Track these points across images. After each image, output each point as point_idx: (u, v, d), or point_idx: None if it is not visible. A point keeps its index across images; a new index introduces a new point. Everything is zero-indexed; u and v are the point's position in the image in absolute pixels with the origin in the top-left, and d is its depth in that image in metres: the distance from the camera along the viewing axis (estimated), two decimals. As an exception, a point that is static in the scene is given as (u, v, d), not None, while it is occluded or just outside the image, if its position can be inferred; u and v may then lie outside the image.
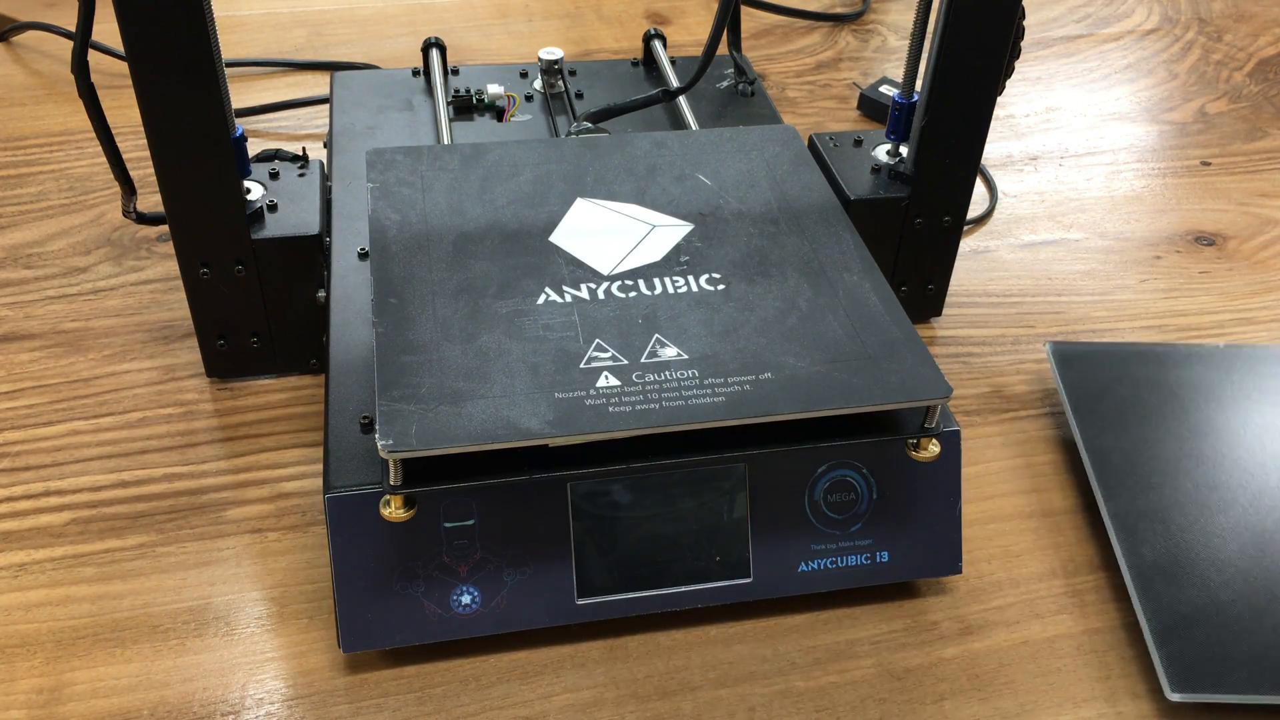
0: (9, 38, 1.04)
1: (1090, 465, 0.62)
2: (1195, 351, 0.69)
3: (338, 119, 0.76)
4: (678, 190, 0.62)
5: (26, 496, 0.62)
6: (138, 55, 0.56)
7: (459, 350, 0.51)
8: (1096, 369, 0.68)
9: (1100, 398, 0.66)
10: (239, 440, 0.66)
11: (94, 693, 0.53)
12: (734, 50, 0.86)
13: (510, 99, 0.79)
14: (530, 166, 0.62)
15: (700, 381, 0.51)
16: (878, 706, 0.53)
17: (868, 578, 0.56)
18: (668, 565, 0.54)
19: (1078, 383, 0.66)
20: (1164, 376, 0.67)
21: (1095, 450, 0.63)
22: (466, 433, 0.48)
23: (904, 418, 0.55)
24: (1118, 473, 0.61)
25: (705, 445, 0.52)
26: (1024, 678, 0.55)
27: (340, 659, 0.54)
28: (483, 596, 0.53)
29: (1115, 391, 0.66)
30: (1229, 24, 1.18)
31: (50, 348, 0.71)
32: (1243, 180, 0.94)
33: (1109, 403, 0.65)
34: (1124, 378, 0.67)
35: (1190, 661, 0.53)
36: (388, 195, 0.60)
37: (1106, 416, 0.65)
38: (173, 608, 0.57)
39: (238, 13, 1.10)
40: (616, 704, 0.53)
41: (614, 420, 0.49)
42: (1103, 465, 0.62)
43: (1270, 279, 0.83)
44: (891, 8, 1.17)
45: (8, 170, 0.88)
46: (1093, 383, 0.67)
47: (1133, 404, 0.65)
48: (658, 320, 0.54)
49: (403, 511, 0.50)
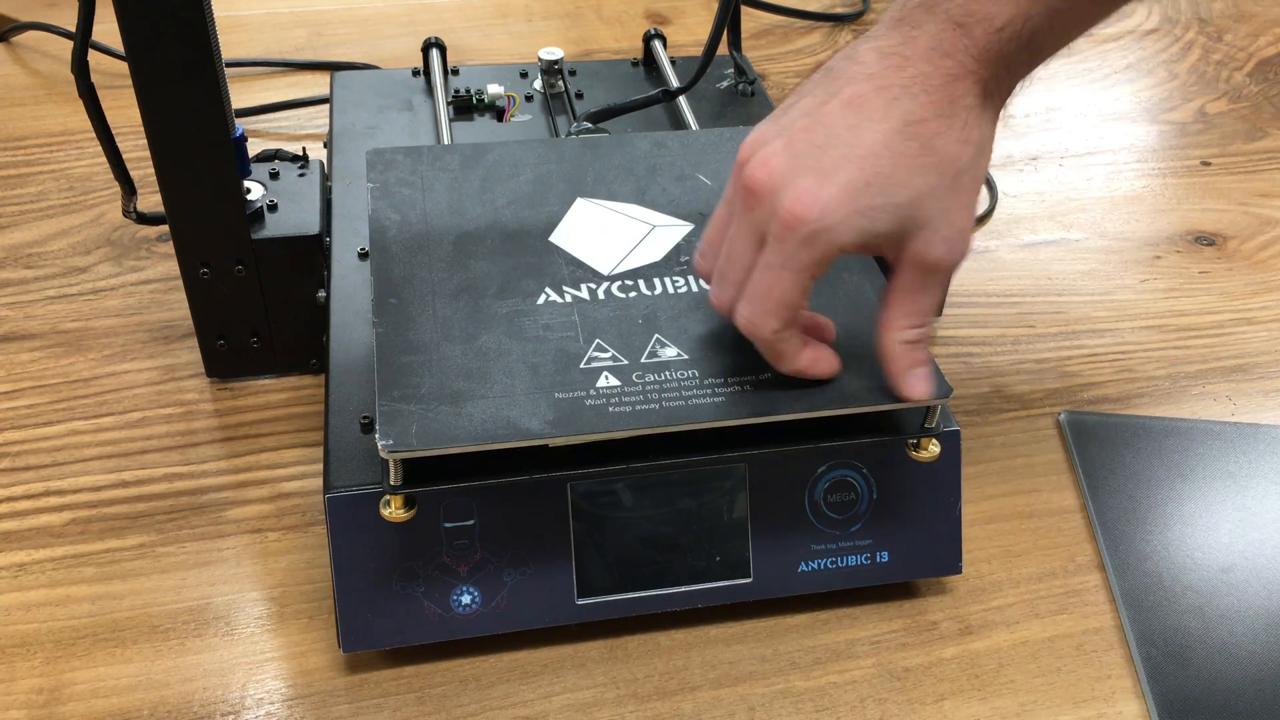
0: (9, 38, 1.04)
1: (1102, 539, 0.61)
2: (1212, 428, 0.68)
3: (338, 119, 0.76)
4: (678, 190, 0.62)
5: (26, 496, 0.62)
6: (138, 55, 0.56)
7: (459, 350, 0.51)
8: (1111, 442, 0.67)
9: (1114, 471, 0.65)
10: (239, 440, 0.66)
11: (94, 693, 0.53)
12: (734, 50, 0.86)
13: (510, 99, 0.79)
14: (530, 166, 0.62)
15: (700, 382, 0.51)
16: (878, 706, 0.53)
17: (868, 578, 0.56)
18: (668, 565, 0.54)
19: (1093, 455, 0.66)
20: (1180, 452, 0.66)
21: (1107, 524, 0.62)
22: (467, 433, 0.48)
23: (904, 418, 0.55)
24: (1130, 548, 0.60)
25: (705, 445, 0.52)
26: (1024, 678, 0.55)
27: (340, 659, 0.54)
28: (483, 596, 0.53)
29: (1130, 466, 0.65)
30: (1229, 24, 1.18)
31: (50, 348, 0.71)
32: (1243, 180, 0.94)
33: (1123, 477, 0.65)
34: (1139, 451, 0.66)
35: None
36: (388, 195, 0.60)
37: (1120, 491, 0.64)
38: (173, 608, 0.57)
39: (238, 13, 1.10)
40: (616, 704, 0.53)
41: (614, 420, 0.49)
42: (1115, 540, 0.61)
43: (1270, 279, 0.83)
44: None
45: (8, 170, 0.87)
46: (1107, 456, 0.66)
47: (1146, 479, 0.64)
48: (658, 320, 0.54)
49: (403, 512, 0.50)
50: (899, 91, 0.45)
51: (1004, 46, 0.45)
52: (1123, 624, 0.57)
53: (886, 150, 0.45)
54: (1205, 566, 0.60)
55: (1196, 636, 0.56)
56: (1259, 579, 0.59)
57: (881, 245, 0.47)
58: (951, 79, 0.45)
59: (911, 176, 0.45)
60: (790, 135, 0.47)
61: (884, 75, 0.46)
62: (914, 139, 0.45)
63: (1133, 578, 0.59)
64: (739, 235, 0.48)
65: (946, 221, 0.46)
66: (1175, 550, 0.61)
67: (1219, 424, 0.69)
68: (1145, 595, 0.58)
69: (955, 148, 0.45)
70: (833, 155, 0.45)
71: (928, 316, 0.49)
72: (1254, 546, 0.61)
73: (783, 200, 0.45)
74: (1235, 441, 0.67)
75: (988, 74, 0.46)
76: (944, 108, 0.45)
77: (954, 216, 0.46)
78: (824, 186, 0.44)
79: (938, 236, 0.46)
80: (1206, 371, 0.74)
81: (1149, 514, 0.63)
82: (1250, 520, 0.63)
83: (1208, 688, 0.54)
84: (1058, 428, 0.69)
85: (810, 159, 0.45)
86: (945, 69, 0.45)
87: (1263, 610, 0.58)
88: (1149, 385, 0.73)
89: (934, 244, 0.46)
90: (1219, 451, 0.67)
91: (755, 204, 0.46)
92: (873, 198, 0.45)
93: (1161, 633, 0.56)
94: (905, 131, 0.45)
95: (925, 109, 0.45)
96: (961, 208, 0.46)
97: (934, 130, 0.45)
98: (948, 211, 0.46)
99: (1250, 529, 0.62)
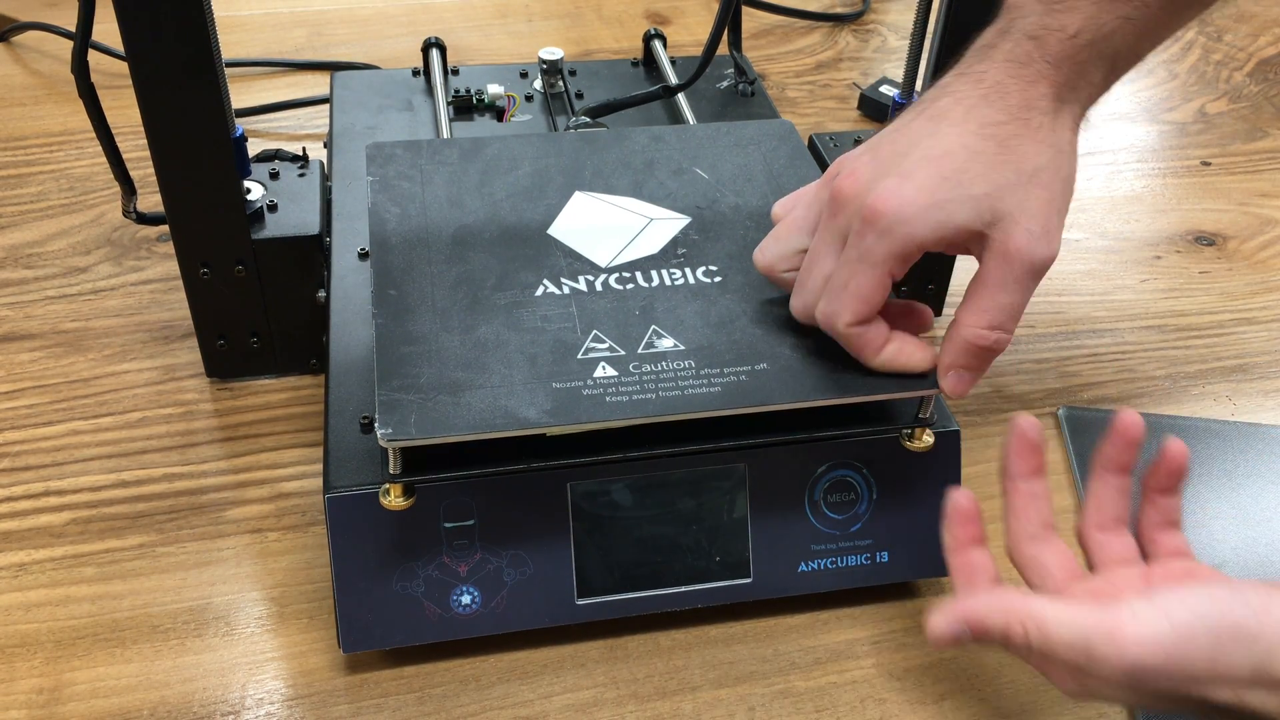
0: (9, 38, 1.04)
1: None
2: (1211, 427, 0.68)
3: (338, 119, 0.76)
4: (675, 184, 0.62)
5: (26, 496, 0.62)
6: (138, 55, 0.56)
7: (458, 341, 0.51)
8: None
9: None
10: (239, 440, 0.66)
11: (94, 693, 0.53)
12: (734, 50, 0.86)
13: (510, 99, 0.79)
14: (529, 160, 0.63)
15: (696, 372, 0.51)
16: (878, 706, 0.53)
17: (868, 578, 0.56)
18: (668, 565, 0.54)
19: (1088, 451, 0.65)
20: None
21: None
22: (465, 422, 0.48)
23: (900, 410, 0.55)
24: None
25: (701, 436, 0.52)
26: (1024, 678, 0.55)
27: (340, 659, 0.54)
28: (483, 596, 0.53)
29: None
30: (1229, 24, 1.18)
31: (50, 348, 0.71)
32: (1243, 180, 0.94)
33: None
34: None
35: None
36: (387, 189, 0.60)
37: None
38: (173, 608, 0.57)
39: (238, 13, 1.10)
40: (616, 704, 0.53)
41: (611, 410, 0.49)
42: None
43: (1270, 279, 0.83)
44: (891, 8, 1.17)
45: (8, 170, 0.88)
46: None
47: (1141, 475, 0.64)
48: (655, 312, 0.54)
49: (402, 500, 0.50)
50: (977, 100, 0.47)
51: (1078, 53, 0.47)
52: None
53: (963, 149, 0.46)
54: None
55: None
56: (1250, 575, 0.59)
57: (963, 240, 0.47)
58: (1028, 84, 0.47)
59: (988, 171, 0.46)
60: (876, 147, 0.49)
61: (963, 90, 0.48)
62: (990, 139, 0.47)
63: None
64: (822, 241, 0.49)
65: (1026, 213, 0.46)
66: None
67: (1218, 423, 0.69)
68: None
69: (1032, 147, 0.47)
70: (913, 158, 0.47)
71: (1006, 317, 0.48)
72: (1247, 544, 0.61)
73: (866, 200, 0.47)
74: (1234, 441, 0.67)
75: (1063, 79, 0.47)
76: (1020, 111, 0.47)
77: (1034, 208, 0.47)
78: (903, 185, 0.46)
79: (1018, 227, 0.46)
80: (1206, 371, 0.74)
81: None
82: (1246, 518, 0.63)
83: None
84: (1056, 423, 0.69)
85: (892, 164, 0.47)
86: (1022, 77, 0.47)
87: None
88: (1149, 385, 0.73)
89: (1014, 234, 0.46)
90: (1217, 450, 0.67)
91: (840, 209, 0.48)
92: (949, 191, 0.46)
93: None
94: (981, 133, 0.47)
95: (1001, 113, 0.47)
96: (1042, 202, 0.47)
97: (1010, 131, 0.47)
98: (1026, 203, 0.47)
99: (1245, 526, 0.62)
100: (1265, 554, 0.61)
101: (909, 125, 0.49)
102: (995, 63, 0.48)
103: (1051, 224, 0.47)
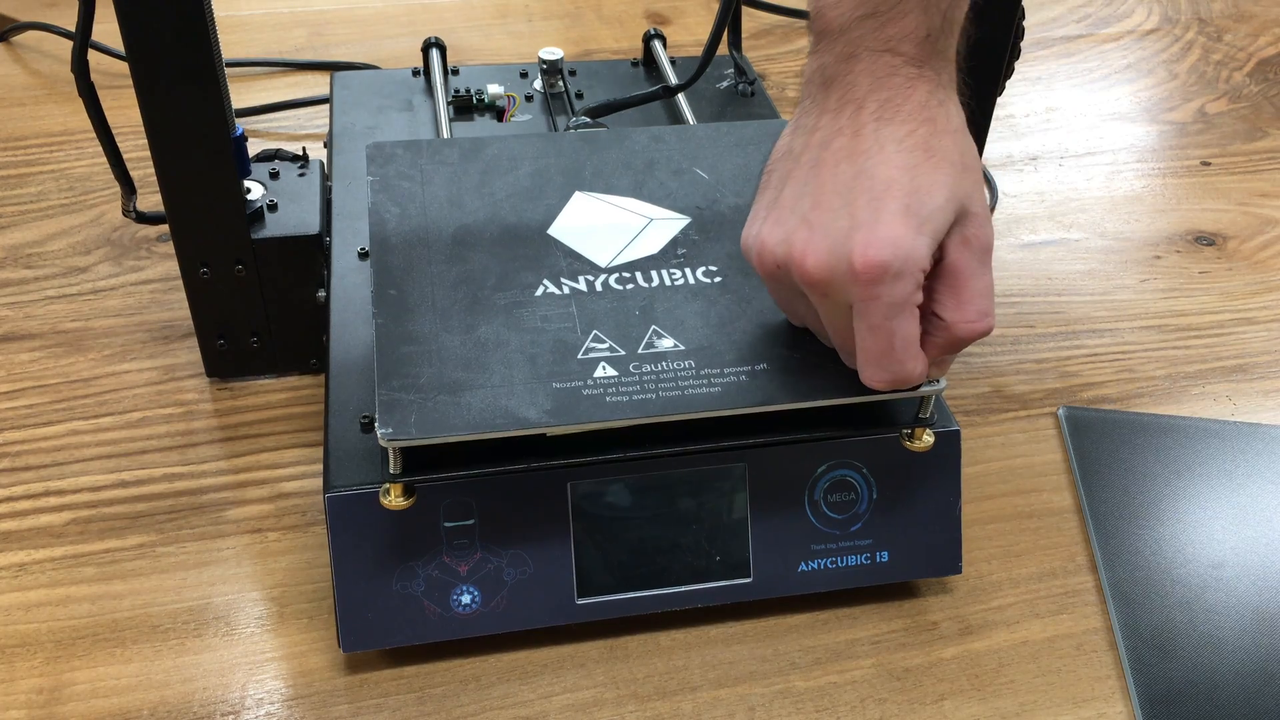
0: (9, 38, 1.04)
1: (1094, 532, 0.61)
2: (1211, 427, 0.68)
3: (338, 119, 0.76)
4: (675, 184, 0.62)
5: (26, 496, 0.62)
6: (138, 55, 0.56)
7: (458, 341, 0.51)
8: (1108, 437, 0.67)
9: (1110, 466, 0.65)
10: (239, 440, 0.66)
11: (94, 693, 0.53)
12: (734, 50, 0.86)
13: (510, 99, 0.79)
14: (529, 160, 0.63)
15: (696, 372, 0.51)
16: (878, 706, 0.53)
17: (868, 578, 0.56)
18: (668, 565, 0.54)
19: (1089, 450, 0.66)
20: (1177, 450, 0.66)
21: (1099, 518, 0.62)
22: (465, 422, 0.48)
23: (900, 412, 0.55)
24: (1120, 543, 0.61)
25: (701, 436, 0.52)
26: (1024, 678, 0.55)
27: (340, 659, 0.54)
28: (483, 596, 0.53)
29: (1125, 461, 0.65)
30: (1229, 24, 1.18)
31: (50, 348, 0.71)
32: (1243, 180, 0.94)
33: (1118, 472, 0.65)
34: (1136, 448, 0.66)
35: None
36: (387, 188, 0.60)
37: (1115, 486, 0.64)
38: (173, 608, 0.57)
39: (238, 13, 1.10)
40: (616, 704, 0.53)
41: (611, 410, 0.49)
42: (1105, 534, 0.61)
43: (1270, 279, 0.83)
44: (891, 8, 1.17)
45: (8, 170, 0.88)
46: (1103, 451, 0.66)
47: (1142, 475, 0.65)
48: (655, 312, 0.54)
49: (402, 500, 0.50)
50: (874, 124, 0.46)
51: (934, 45, 0.47)
52: (1110, 617, 0.57)
53: (900, 170, 0.46)
54: (1196, 562, 0.60)
55: (1182, 630, 0.56)
56: (1249, 575, 0.59)
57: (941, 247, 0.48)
58: (907, 90, 0.47)
59: (935, 176, 0.46)
60: (802, 217, 0.47)
61: (849, 124, 0.47)
62: (914, 150, 0.46)
63: (1122, 571, 0.59)
64: (831, 315, 0.48)
65: (973, 200, 0.47)
66: (1167, 546, 0.61)
67: (1218, 422, 0.69)
68: (1133, 589, 0.58)
69: (948, 139, 0.47)
70: (860, 205, 0.45)
71: (988, 301, 0.48)
72: (1247, 544, 0.61)
73: (851, 268, 0.45)
74: (1234, 441, 0.68)
75: (932, 72, 0.47)
76: (917, 114, 0.46)
77: (976, 193, 0.47)
78: (875, 230, 0.45)
79: (973, 216, 0.47)
80: (1206, 371, 0.74)
81: (1142, 510, 0.63)
82: (1245, 518, 0.63)
83: (1190, 679, 0.54)
84: (1056, 423, 0.69)
85: (842, 222, 0.46)
86: (897, 86, 0.46)
87: (1251, 605, 0.58)
88: (1149, 385, 0.73)
89: (971, 223, 0.47)
90: (1217, 450, 0.67)
91: (826, 290, 0.47)
92: (920, 210, 0.45)
93: (1148, 625, 0.57)
94: (902, 149, 0.46)
95: (904, 124, 0.46)
96: (978, 185, 0.48)
97: (923, 136, 0.46)
98: (972, 191, 0.47)
99: (1245, 526, 0.62)
100: (1265, 554, 0.61)
101: (818, 180, 0.47)
102: (862, 88, 0.47)
103: (985, 201, 0.48)
